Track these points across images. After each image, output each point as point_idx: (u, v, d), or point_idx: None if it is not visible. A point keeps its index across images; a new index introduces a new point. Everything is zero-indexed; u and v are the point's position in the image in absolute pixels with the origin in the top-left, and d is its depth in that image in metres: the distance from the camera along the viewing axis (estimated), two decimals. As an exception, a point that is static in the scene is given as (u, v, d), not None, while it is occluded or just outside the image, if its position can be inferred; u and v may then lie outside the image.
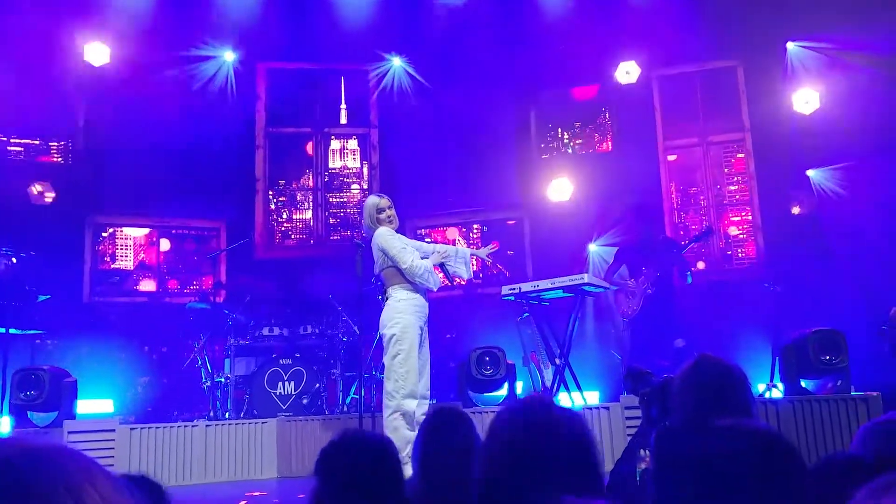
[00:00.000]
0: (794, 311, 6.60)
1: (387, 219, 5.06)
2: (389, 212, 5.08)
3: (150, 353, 7.86)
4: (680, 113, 8.84)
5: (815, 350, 5.60)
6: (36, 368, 5.89)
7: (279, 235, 9.31)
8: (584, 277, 5.98)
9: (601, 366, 7.38)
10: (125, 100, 8.20)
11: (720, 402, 2.12)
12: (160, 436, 5.76)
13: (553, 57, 8.59)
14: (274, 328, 7.02)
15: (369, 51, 8.90)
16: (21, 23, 7.59)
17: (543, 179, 8.77)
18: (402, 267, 4.85)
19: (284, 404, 6.62)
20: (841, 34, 7.57)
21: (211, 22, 8.43)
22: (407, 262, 4.85)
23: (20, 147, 8.20)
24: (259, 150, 9.15)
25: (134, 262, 8.71)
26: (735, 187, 8.75)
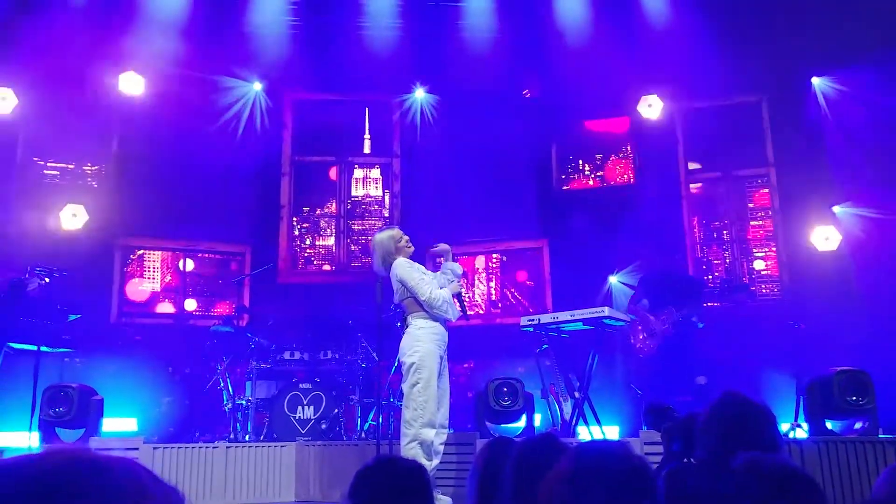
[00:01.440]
0: (818, 349, 6.51)
1: (405, 246, 5.12)
2: (405, 239, 5.15)
3: (173, 373, 7.96)
4: (703, 147, 8.84)
5: (841, 390, 5.48)
6: (65, 386, 6.01)
7: (302, 261, 9.45)
8: (605, 311, 5.97)
9: (621, 400, 7.33)
10: (157, 127, 8.45)
11: (745, 439, 2.10)
12: (182, 456, 5.83)
13: (575, 89, 8.67)
14: (295, 353, 7.09)
15: (393, 82, 9.07)
16: (59, 52, 7.87)
17: (565, 210, 8.81)
18: (421, 298, 4.89)
19: (303, 429, 6.66)
20: (865, 68, 7.55)
21: (240, 53, 8.67)
22: (426, 293, 4.89)
23: (56, 171, 8.44)
24: (285, 177, 9.34)
25: (161, 285, 8.88)
26: (759, 222, 8.70)
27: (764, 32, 8.00)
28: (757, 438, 2.14)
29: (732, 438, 2.14)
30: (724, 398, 2.28)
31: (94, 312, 7.77)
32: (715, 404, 2.27)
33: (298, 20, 8.75)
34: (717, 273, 8.69)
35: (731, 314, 8.15)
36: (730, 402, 2.25)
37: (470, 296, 5.56)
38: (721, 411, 2.24)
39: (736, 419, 2.19)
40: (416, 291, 4.90)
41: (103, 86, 8.35)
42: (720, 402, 2.27)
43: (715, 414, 2.25)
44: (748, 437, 2.14)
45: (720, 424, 2.21)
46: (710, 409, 2.28)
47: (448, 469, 5.36)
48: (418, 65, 8.96)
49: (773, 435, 2.19)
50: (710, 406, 2.29)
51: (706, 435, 2.24)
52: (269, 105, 8.99)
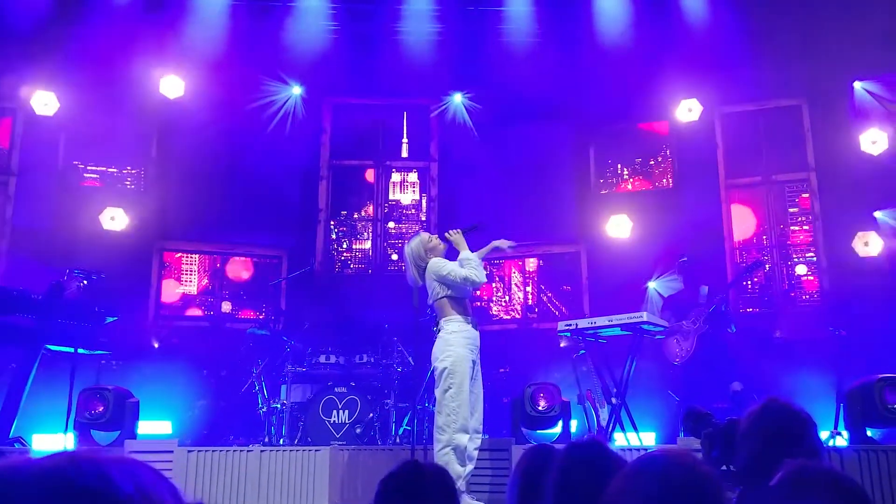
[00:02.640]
0: (859, 356, 6.39)
1: (436, 245, 5.12)
2: (434, 239, 5.14)
3: (208, 376, 8.00)
4: (743, 151, 8.70)
5: (882, 397, 5.40)
6: (101, 388, 6.06)
7: (339, 265, 9.48)
8: (643, 316, 5.91)
9: (658, 406, 7.23)
10: (196, 130, 8.54)
11: (787, 447, 2.07)
12: (216, 459, 5.84)
13: (614, 93, 8.59)
14: (330, 356, 7.09)
15: (431, 86, 9.08)
16: (100, 56, 8.00)
17: (602, 215, 8.73)
18: (459, 280, 4.86)
19: (338, 433, 6.66)
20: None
21: (280, 57, 8.74)
22: (461, 273, 4.87)
23: (96, 174, 8.58)
24: (322, 180, 9.38)
25: (198, 288, 8.96)
26: (799, 227, 8.55)
27: (804, 36, 7.87)
28: (798, 445, 2.11)
29: (774, 445, 2.11)
30: (766, 404, 2.24)
31: (132, 315, 7.85)
32: (757, 410, 2.24)
33: (338, 25, 8.80)
34: (756, 279, 8.53)
35: (770, 319, 8.03)
36: (772, 409, 2.22)
37: (511, 245, 5.52)
38: (763, 418, 2.21)
39: (778, 426, 2.17)
40: (451, 278, 4.86)
41: (144, 89, 8.47)
42: (762, 409, 2.23)
43: (756, 420, 2.21)
44: (789, 444, 2.11)
45: (762, 431, 2.18)
46: (751, 415, 2.24)
47: (483, 475, 5.31)
48: (456, 69, 8.96)
49: (814, 442, 2.16)
50: (751, 412, 2.25)
51: (748, 441, 2.20)
52: (308, 109, 9.04)
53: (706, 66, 8.31)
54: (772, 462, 2.03)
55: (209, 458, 5.82)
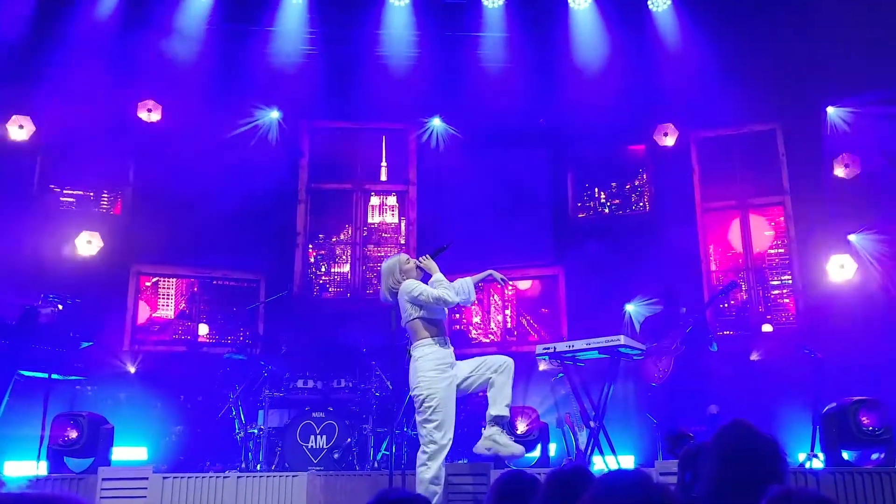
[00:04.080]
0: (834, 378, 6.46)
1: (412, 268, 5.09)
2: (412, 263, 5.12)
3: (185, 402, 7.91)
4: (719, 175, 8.81)
5: (857, 420, 5.46)
6: (75, 414, 5.99)
7: (317, 289, 9.44)
8: (621, 339, 5.91)
9: (637, 429, 7.24)
10: (174, 154, 8.52)
11: (747, 472, 2.07)
12: (192, 485, 5.75)
13: (592, 118, 8.68)
14: (308, 381, 7.04)
15: (410, 111, 9.15)
16: (77, 80, 7.97)
17: (580, 238, 8.79)
18: (431, 300, 4.80)
19: (316, 458, 6.60)
20: (882, 97, 7.55)
21: (258, 81, 8.77)
22: (432, 294, 4.81)
23: (72, 198, 8.51)
24: (301, 204, 9.37)
25: (175, 312, 8.88)
26: (774, 251, 8.65)
27: (779, 62, 8.05)
28: (761, 469, 2.10)
29: (736, 468, 2.11)
30: (729, 428, 2.23)
31: (108, 340, 7.77)
32: (717, 434, 2.23)
33: (316, 49, 8.85)
34: (733, 301, 8.61)
35: (746, 342, 8.09)
36: (735, 432, 2.20)
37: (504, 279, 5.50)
38: (722, 442, 2.20)
39: (740, 449, 2.15)
40: (422, 298, 4.82)
41: (121, 113, 8.44)
42: (725, 432, 2.22)
43: (715, 444, 2.21)
44: (752, 467, 2.10)
45: (724, 454, 2.17)
46: (713, 440, 2.23)
47: (463, 500, 5.28)
48: (435, 93, 9.03)
49: (777, 466, 2.13)
50: (715, 435, 2.24)
51: (710, 464, 2.20)
52: (286, 133, 9.06)
53: (682, 92, 8.45)
54: (733, 485, 2.03)
55: (185, 484, 5.74)
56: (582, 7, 8.56)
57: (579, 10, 8.57)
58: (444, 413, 4.71)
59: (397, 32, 8.68)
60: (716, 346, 7.08)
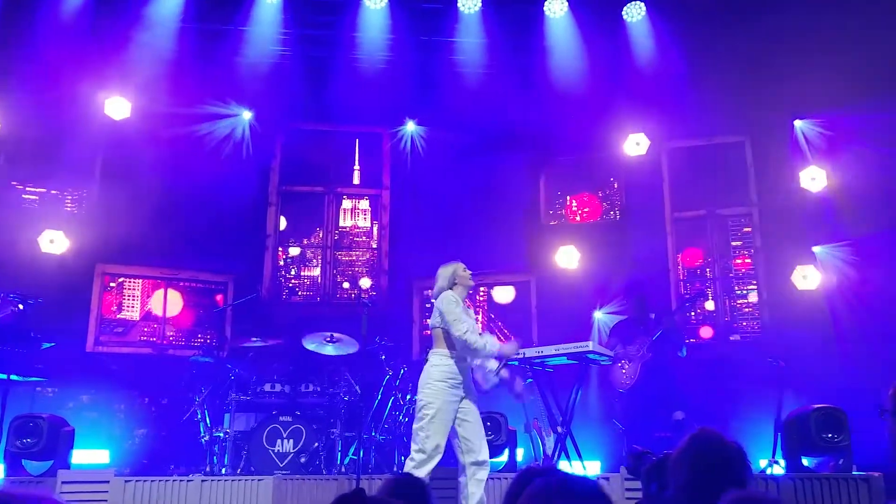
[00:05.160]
0: (797, 386, 6.56)
1: (465, 280, 5.19)
2: (467, 275, 5.21)
3: (149, 404, 7.81)
4: (688, 185, 8.92)
5: (817, 427, 5.59)
6: (35, 416, 5.87)
7: (286, 292, 9.36)
8: (589, 345, 5.96)
9: (603, 435, 7.29)
10: (142, 153, 8.38)
11: (716, 478, 2.10)
12: (154, 489, 5.68)
13: (565, 125, 8.75)
14: (276, 385, 6.98)
15: (384, 114, 9.12)
16: (44, 75, 7.82)
17: (551, 246, 8.83)
18: (455, 334, 4.90)
19: (282, 462, 6.54)
20: (848, 111, 7.69)
21: (231, 81, 8.66)
22: (461, 330, 4.89)
23: (35, 196, 8.33)
24: (271, 206, 9.29)
25: (140, 313, 8.74)
26: (741, 261, 8.78)
27: (748, 76, 8.16)
28: (727, 475, 2.13)
29: (703, 475, 2.14)
30: (696, 435, 2.27)
31: (71, 341, 7.62)
32: (687, 441, 2.26)
33: (291, 50, 8.78)
34: (699, 310, 8.72)
35: (711, 349, 8.20)
36: (702, 440, 2.24)
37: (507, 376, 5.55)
38: (693, 448, 2.23)
39: (707, 456, 2.18)
40: (451, 326, 4.91)
41: (89, 109, 8.29)
42: (693, 439, 2.26)
43: (687, 451, 2.24)
44: (719, 474, 2.13)
45: (691, 461, 2.20)
46: (681, 446, 2.26)
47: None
48: (410, 98, 9.02)
49: (743, 472, 2.17)
50: (682, 443, 2.28)
51: (678, 471, 2.23)
52: (258, 133, 8.96)
53: (654, 102, 8.54)
54: (702, 491, 2.06)
55: (147, 488, 5.67)
56: (558, 15, 8.61)
57: (555, 18, 8.62)
58: (438, 425, 4.75)
59: (373, 35, 8.64)
60: (685, 351, 7.15)
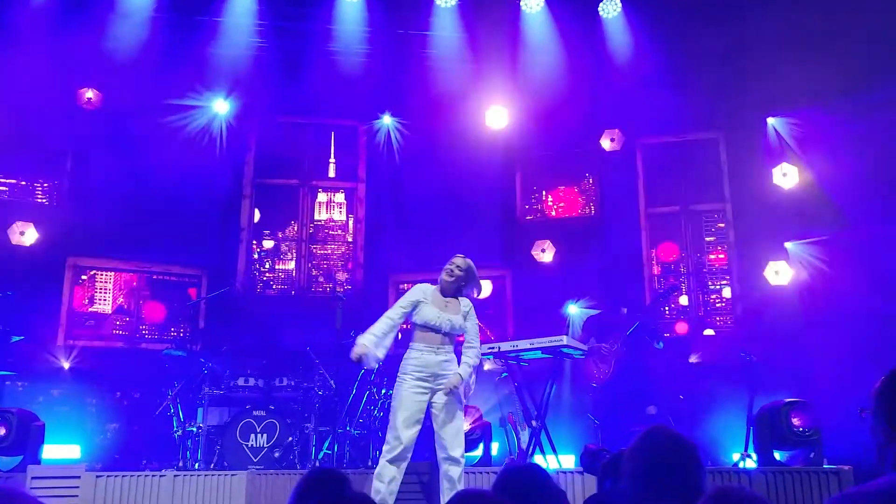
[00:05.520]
0: (769, 381, 6.63)
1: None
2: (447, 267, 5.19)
3: (121, 398, 7.72)
4: (663, 181, 9.00)
5: (789, 421, 5.64)
6: (4, 411, 5.79)
7: (261, 285, 9.30)
8: (564, 339, 5.99)
9: (578, 429, 7.33)
10: (114, 144, 8.29)
11: (668, 476, 2.11)
12: (126, 485, 5.62)
13: (540, 121, 8.77)
14: (249, 379, 6.93)
15: (360, 108, 9.09)
16: (14, 65, 7.68)
17: (527, 240, 8.87)
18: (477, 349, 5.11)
19: (256, 457, 6.50)
20: (821, 108, 7.79)
21: (204, 72, 8.57)
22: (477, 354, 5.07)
23: (5, 187, 8.19)
24: (245, 199, 9.21)
25: (112, 306, 8.63)
26: (714, 256, 8.87)
27: (722, 73, 8.24)
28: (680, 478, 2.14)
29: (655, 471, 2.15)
30: (650, 432, 2.27)
31: (41, 334, 7.52)
32: (640, 439, 2.27)
33: (265, 42, 8.70)
34: (673, 305, 8.81)
35: (686, 344, 8.28)
36: (654, 440, 2.24)
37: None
38: (645, 450, 2.23)
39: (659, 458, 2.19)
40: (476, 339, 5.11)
41: (60, 100, 8.16)
42: (646, 436, 2.26)
43: (640, 447, 2.25)
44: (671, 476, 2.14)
45: (644, 457, 2.21)
46: (634, 445, 2.27)
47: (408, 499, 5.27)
48: (386, 91, 9.00)
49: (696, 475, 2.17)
50: (634, 442, 2.28)
51: (630, 465, 2.24)
52: (232, 125, 8.88)
53: (629, 98, 8.60)
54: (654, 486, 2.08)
55: (119, 483, 5.61)
56: (534, 11, 8.63)
57: (531, 13, 8.64)
58: (400, 417, 4.73)
59: (349, 28, 8.61)
60: (661, 343, 7.21)
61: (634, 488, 2.15)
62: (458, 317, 5.04)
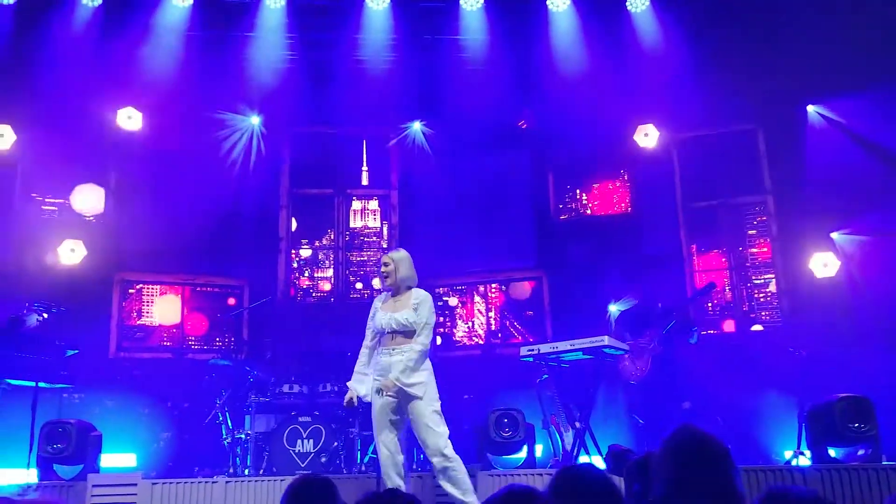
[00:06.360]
0: (820, 376, 6.48)
1: None
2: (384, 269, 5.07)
3: (172, 408, 7.91)
4: (700, 175, 8.86)
5: (843, 417, 5.49)
6: (63, 422, 5.97)
7: (300, 294, 9.45)
8: (605, 339, 5.94)
9: (620, 428, 7.26)
10: (155, 162, 8.55)
11: (699, 477, 2.09)
12: (181, 491, 5.75)
13: (572, 119, 8.70)
14: (294, 385, 7.04)
15: (390, 114, 9.15)
16: (57, 88, 7.93)
17: (562, 240, 8.83)
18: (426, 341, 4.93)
19: (303, 462, 6.60)
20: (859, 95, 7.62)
21: (238, 88, 8.74)
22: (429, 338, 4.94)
23: (54, 206, 8.46)
24: (283, 210, 9.38)
25: (159, 319, 8.85)
26: (758, 249, 8.71)
27: (758, 62, 8.09)
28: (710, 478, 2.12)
29: (687, 472, 2.13)
30: (677, 433, 2.25)
31: (93, 348, 7.74)
32: (667, 442, 2.24)
33: (295, 55, 8.83)
34: (716, 301, 8.67)
35: (729, 340, 8.15)
36: (683, 438, 2.22)
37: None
38: (673, 450, 2.21)
39: (688, 458, 2.16)
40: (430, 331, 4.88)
41: (101, 121, 8.41)
42: (674, 438, 2.24)
43: (669, 449, 2.22)
44: (702, 477, 2.12)
45: (673, 464, 2.18)
46: (663, 446, 2.25)
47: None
48: (415, 97, 9.05)
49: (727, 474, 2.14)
50: (663, 444, 2.26)
51: (662, 469, 2.21)
52: (267, 139, 9.04)
53: (662, 93, 8.48)
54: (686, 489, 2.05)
55: (174, 490, 5.74)
56: (561, 9, 8.59)
57: (558, 11, 8.61)
58: (373, 420, 4.85)
59: (376, 37, 8.66)
60: (696, 337, 7.10)
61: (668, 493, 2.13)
62: (407, 311, 4.85)
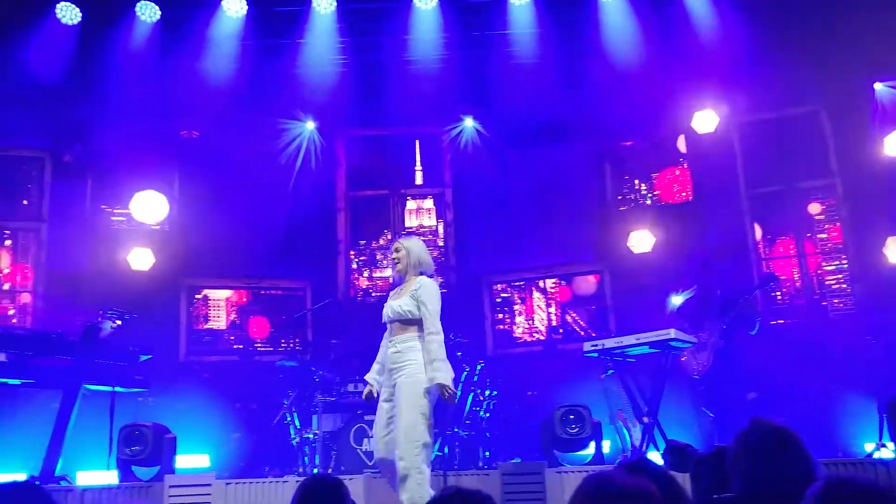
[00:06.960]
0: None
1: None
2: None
3: (241, 409, 8.10)
4: (763, 160, 8.56)
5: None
6: (140, 425, 6.18)
7: (360, 294, 9.56)
8: (671, 332, 5.86)
9: (688, 422, 7.13)
10: (216, 169, 8.74)
11: (776, 469, 2.05)
12: (253, 490, 5.88)
13: (627, 108, 8.54)
14: (358, 384, 7.10)
15: (442, 113, 9.16)
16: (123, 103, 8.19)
17: (622, 232, 8.69)
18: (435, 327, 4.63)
19: (370, 460, 6.67)
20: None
21: (292, 94, 8.88)
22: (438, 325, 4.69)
23: (123, 217, 8.76)
24: (340, 212, 9.52)
25: (226, 323, 9.08)
26: (827, 235, 8.41)
27: (818, 41, 7.79)
28: (789, 468, 2.08)
29: (764, 465, 2.09)
30: (750, 426, 2.21)
31: (164, 352, 7.98)
32: (742, 434, 2.21)
33: (347, 58, 8.93)
34: (784, 289, 8.42)
35: (801, 330, 7.90)
36: (755, 433, 2.18)
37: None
38: (747, 444, 2.17)
39: (763, 451, 2.13)
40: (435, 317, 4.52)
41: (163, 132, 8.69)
42: (747, 431, 2.20)
43: (743, 443, 2.18)
44: (779, 468, 2.08)
45: (748, 458, 2.14)
46: (736, 441, 2.21)
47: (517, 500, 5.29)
48: (466, 94, 9.03)
49: (805, 463, 2.10)
50: (736, 438, 2.22)
51: (738, 465, 2.17)
52: (322, 143, 9.19)
53: (719, 76, 8.24)
54: (765, 482, 2.01)
55: (246, 489, 5.86)
56: (612, -3, 8.45)
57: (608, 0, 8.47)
58: None
59: (425, 36, 8.67)
60: (757, 328, 6.89)
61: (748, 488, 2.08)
62: (405, 298, 4.57)
